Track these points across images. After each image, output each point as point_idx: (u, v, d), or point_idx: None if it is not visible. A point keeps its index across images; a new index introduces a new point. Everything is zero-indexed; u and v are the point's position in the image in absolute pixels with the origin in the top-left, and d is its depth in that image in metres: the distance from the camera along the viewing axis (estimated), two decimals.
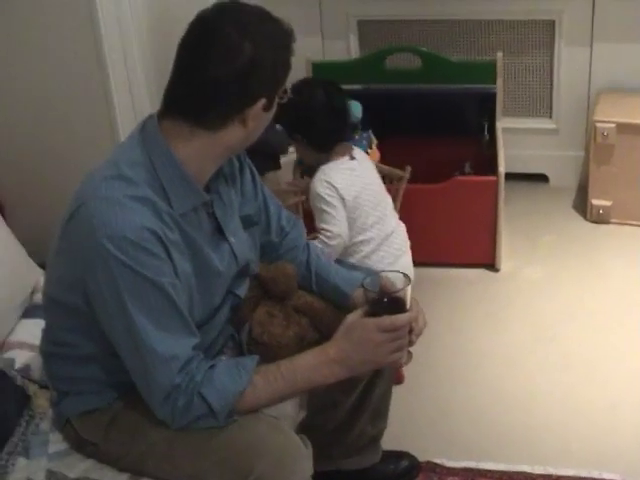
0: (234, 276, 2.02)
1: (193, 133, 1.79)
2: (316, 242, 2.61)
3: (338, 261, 2.32)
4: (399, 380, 2.91)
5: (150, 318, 1.73)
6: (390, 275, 1.93)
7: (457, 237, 3.49)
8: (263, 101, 1.79)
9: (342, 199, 2.70)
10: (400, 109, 3.58)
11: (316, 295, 2.19)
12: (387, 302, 1.86)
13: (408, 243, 2.91)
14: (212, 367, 1.80)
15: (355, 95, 3.59)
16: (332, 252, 2.63)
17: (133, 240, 1.69)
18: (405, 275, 1.91)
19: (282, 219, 2.21)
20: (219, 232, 1.95)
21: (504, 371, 2.99)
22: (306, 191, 2.86)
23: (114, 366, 1.83)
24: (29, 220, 2.87)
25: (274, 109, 1.88)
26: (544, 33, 3.78)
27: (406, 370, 2.94)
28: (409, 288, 1.87)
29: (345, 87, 3.59)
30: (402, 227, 2.92)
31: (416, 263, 3.37)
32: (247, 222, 2.09)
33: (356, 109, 3.23)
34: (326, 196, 2.69)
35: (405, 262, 2.85)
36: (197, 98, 1.77)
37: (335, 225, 2.68)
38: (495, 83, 3.53)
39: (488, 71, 3.52)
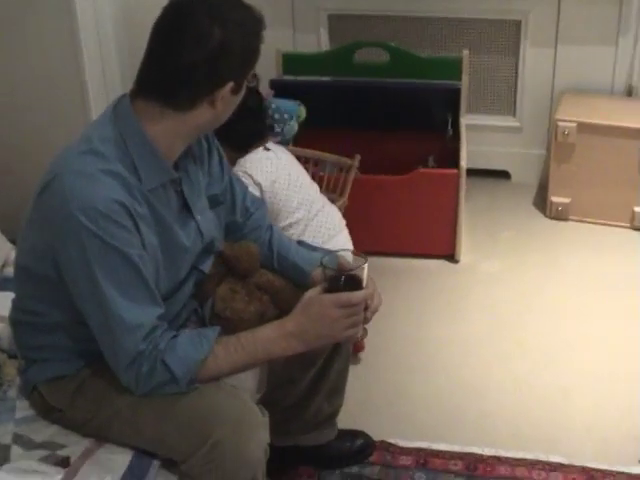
0: (199, 252, 2.09)
1: (163, 113, 1.86)
2: None
3: (299, 242, 2.39)
4: (359, 349, 3.00)
5: (117, 287, 1.80)
6: (348, 255, 2.01)
7: (418, 228, 3.58)
8: (231, 84, 1.86)
9: (258, 185, 2.77)
10: (367, 102, 3.67)
11: (277, 274, 2.27)
12: (344, 280, 1.94)
13: (343, 222, 2.97)
14: (175, 336, 1.87)
15: (323, 86, 3.71)
16: None
17: (103, 212, 1.76)
18: (362, 255, 1.99)
19: (247, 200, 2.29)
20: (186, 209, 2.02)
21: (461, 358, 3.08)
22: None
23: (82, 334, 1.89)
24: (2, 197, 2.92)
25: (242, 92, 1.95)
26: (510, 33, 3.89)
27: (364, 354, 3.03)
28: (366, 267, 1.95)
29: (314, 79, 3.77)
30: (333, 207, 2.98)
31: (378, 253, 3.54)
32: (213, 202, 2.16)
33: (300, 112, 3.30)
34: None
35: (339, 241, 2.90)
36: (168, 80, 1.84)
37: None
38: (460, 80, 3.63)
39: (454, 67, 3.61)
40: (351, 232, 3.00)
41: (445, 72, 3.65)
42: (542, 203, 3.96)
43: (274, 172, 2.80)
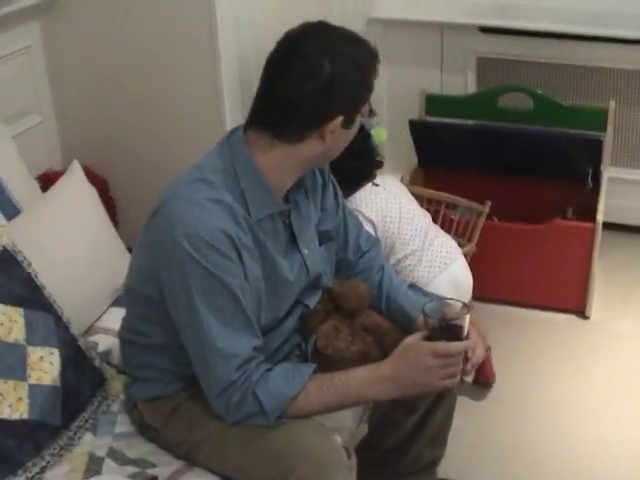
0: (304, 287, 2.11)
1: (273, 145, 1.90)
2: None
3: (411, 286, 2.37)
4: (488, 380, 3.05)
5: (215, 315, 1.84)
6: (452, 302, 1.99)
7: (549, 280, 3.49)
8: (341, 118, 1.88)
9: (370, 221, 2.74)
10: (508, 147, 3.60)
11: (385, 316, 2.25)
12: (444, 328, 1.92)
13: (459, 250, 2.92)
14: (269, 369, 1.89)
15: (462, 129, 3.67)
16: None
17: (208, 240, 1.81)
18: (465, 304, 1.97)
19: (360, 238, 2.30)
20: (293, 242, 2.05)
21: (577, 418, 2.98)
22: None
23: (182, 358, 1.94)
24: (136, 216, 3.02)
25: (355, 127, 1.97)
26: None
27: (477, 405, 2.98)
28: (467, 317, 1.92)
29: (453, 121, 3.74)
30: (447, 236, 2.94)
31: (504, 301, 3.53)
32: (325, 237, 2.18)
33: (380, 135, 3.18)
34: None
35: (456, 270, 2.86)
36: (277, 112, 1.89)
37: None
38: (605, 131, 3.53)
39: (599, 118, 3.53)
40: (479, 278, 2.95)
41: (590, 122, 3.56)
42: None
43: (384, 207, 2.78)
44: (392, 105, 4.02)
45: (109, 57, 3.08)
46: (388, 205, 2.79)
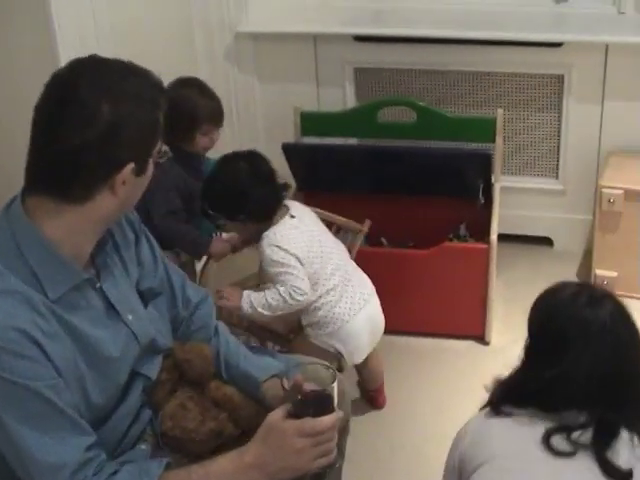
0: (138, 355, 1.84)
1: (59, 209, 1.62)
2: (272, 293, 2.56)
3: (253, 348, 2.14)
4: (380, 404, 3.01)
5: (29, 425, 1.57)
6: (314, 368, 1.76)
7: (446, 306, 3.25)
8: (131, 166, 1.62)
9: (296, 257, 2.59)
10: (392, 166, 3.34)
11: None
12: (311, 401, 1.67)
13: (373, 288, 2.79)
14: (114, 473, 1.64)
15: (343, 150, 3.41)
16: (296, 306, 2.59)
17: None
18: (330, 368, 1.76)
19: (187, 289, 2.06)
20: (112, 309, 1.78)
21: None
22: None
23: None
24: None
25: (150, 171, 1.72)
26: (552, 88, 3.52)
27: (371, 437, 2.83)
28: (335, 385, 1.69)
29: (331, 142, 3.49)
30: (361, 272, 2.81)
31: (401, 331, 3.29)
32: (150, 294, 1.94)
33: None
34: (281, 259, 2.58)
35: (373, 307, 2.77)
36: (56, 171, 1.60)
37: (302, 281, 2.57)
38: (494, 141, 3.31)
39: (487, 129, 3.30)
40: None
41: (478, 133, 3.33)
42: (587, 274, 3.57)
43: (307, 241, 2.63)
44: (268, 125, 3.76)
45: None
46: (310, 239, 2.65)
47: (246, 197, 2.56)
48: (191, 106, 2.88)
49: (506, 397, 1.78)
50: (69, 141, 1.57)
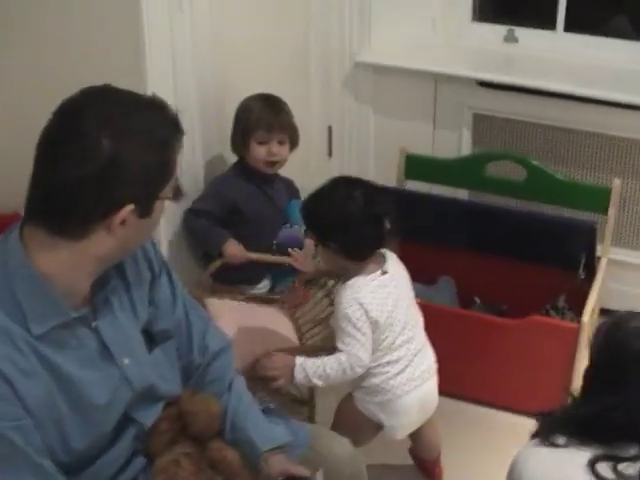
0: (132, 401, 1.74)
1: (54, 243, 1.55)
2: (332, 362, 2.35)
3: (266, 410, 2.01)
4: (435, 476, 2.82)
5: None
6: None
7: (525, 380, 3.00)
8: (131, 207, 1.53)
9: (374, 322, 2.34)
10: (494, 224, 3.14)
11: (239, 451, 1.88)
12: None
13: (435, 364, 2.55)
14: None
15: (444, 203, 3.22)
16: (352, 376, 2.39)
17: None
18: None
19: (207, 336, 1.94)
20: (106, 351, 1.69)
21: None
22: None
23: None
24: None
25: (157, 214, 1.62)
26: None
27: None
28: (322, 472, 1.70)
29: (438, 189, 3.30)
30: (429, 347, 2.55)
31: (471, 400, 3.11)
32: (162, 337, 1.84)
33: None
34: (355, 320, 2.32)
35: (429, 388, 2.52)
36: (52, 203, 1.53)
37: (365, 351, 2.35)
38: (606, 213, 3.05)
39: (601, 198, 3.04)
40: (447, 370, 2.60)
41: (590, 202, 3.08)
42: None
43: (391, 305, 2.37)
44: (378, 160, 3.60)
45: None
46: (394, 303, 2.38)
47: (347, 230, 2.31)
48: (247, 113, 2.77)
49: (559, 427, 1.74)
50: (67, 173, 1.50)
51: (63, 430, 1.61)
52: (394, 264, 2.45)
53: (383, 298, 2.36)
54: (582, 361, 2.88)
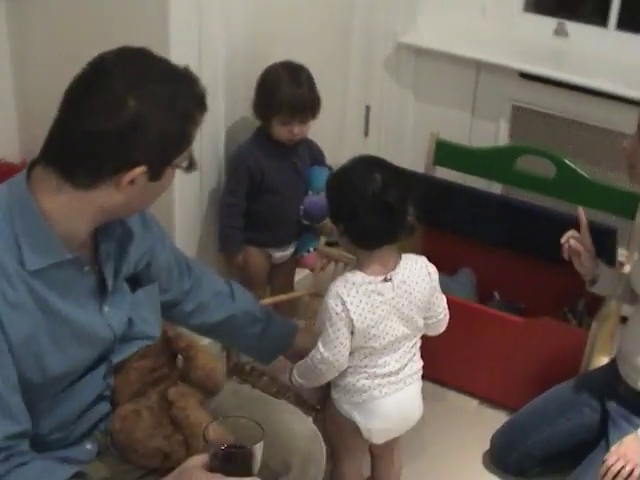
0: (112, 342, 1.82)
1: (60, 187, 1.60)
2: (310, 355, 2.26)
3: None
4: None
5: None
6: (244, 422, 1.61)
7: (531, 383, 2.92)
8: (143, 168, 1.58)
9: (350, 323, 2.18)
10: (517, 220, 3.07)
11: (205, 411, 1.92)
12: (229, 456, 1.55)
13: (421, 372, 2.39)
14: (21, 465, 1.59)
15: (469, 194, 3.15)
16: (319, 375, 2.26)
17: None
18: (259, 425, 1.59)
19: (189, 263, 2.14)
20: (101, 295, 1.76)
21: None
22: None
23: None
24: None
25: (168, 180, 1.68)
26: None
27: None
28: (261, 445, 1.56)
29: (465, 179, 3.24)
30: (419, 353, 2.39)
31: (475, 395, 3.08)
32: (146, 279, 1.93)
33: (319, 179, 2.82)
34: (332, 312, 2.17)
35: (412, 393, 2.36)
36: (68, 149, 1.59)
37: (329, 350, 2.20)
38: (633, 218, 2.96)
39: (629, 202, 2.95)
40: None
41: (616, 204, 3.00)
42: None
43: (378, 316, 2.20)
44: (415, 146, 3.54)
45: (78, 46, 2.70)
46: (385, 316, 2.22)
47: (354, 214, 2.14)
48: (272, 88, 2.74)
49: None
50: (87, 125, 1.56)
51: (41, 362, 1.65)
52: (409, 273, 2.25)
53: (373, 306, 2.19)
54: (590, 366, 2.82)
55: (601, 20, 3.34)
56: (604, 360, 2.88)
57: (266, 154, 2.82)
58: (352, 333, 2.20)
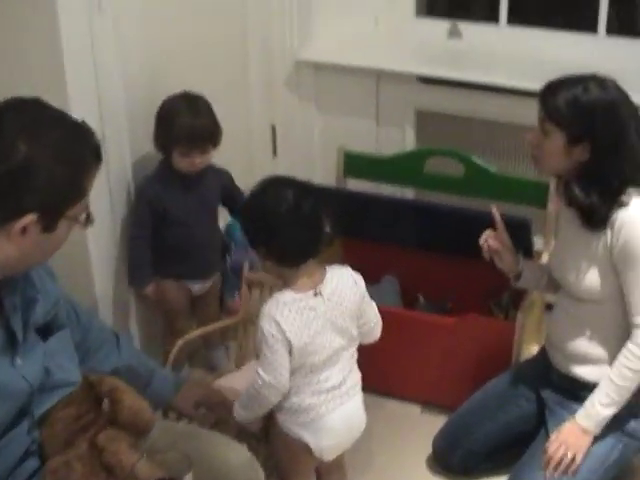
0: (30, 394, 1.76)
1: None
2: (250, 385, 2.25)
3: None
4: None
5: None
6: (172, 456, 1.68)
7: (465, 380, 2.94)
8: (33, 217, 1.54)
9: (288, 343, 2.18)
10: (432, 222, 3.09)
11: (137, 453, 1.85)
12: None
13: (360, 382, 2.39)
14: None
15: (383, 202, 3.17)
16: (264, 401, 2.24)
17: None
18: (186, 458, 1.66)
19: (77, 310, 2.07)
20: (11, 348, 1.71)
21: None
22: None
23: None
24: None
25: (62, 233, 1.63)
26: None
27: None
28: (190, 476, 1.65)
29: (377, 187, 3.26)
30: (356, 364, 2.39)
31: (414, 400, 3.09)
32: (56, 326, 1.88)
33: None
34: (268, 335, 2.17)
35: (355, 405, 2.36)
36: None
37: (270, 373, 2.19)
38: (545, 207, 3.00)
39: (538, 193, 3.00)
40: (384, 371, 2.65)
41: (527, 195, 3.04)
42: None
43: (314, 329, 2.20)
44: (324, 160, 3.54)
45: None
46: (321, 331, 2.22)
47: (274, 231, 2.16)
48: (170, 120, 2.69)
49: None
50: None
51: None
52: (336, 284, 2.27)
53: (306, 322, 2.19)
54: (517, 358, 2.85)
55: (492, 16, 3.39)
56: (534, 349, 2.91)
57: (168, 186, 2.77)
58: (290, 353, 2.19)
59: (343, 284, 2.28)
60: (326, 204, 2.24)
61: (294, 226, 2.17)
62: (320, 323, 2.22)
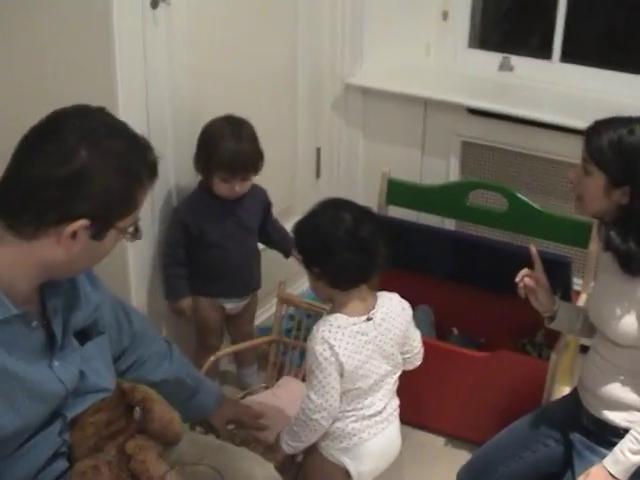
0: (65, 397, 1.78)
1: (3, 237, 1.58)
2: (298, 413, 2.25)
3: None
4: None
5: None
6: (201, 470, 1.69)
7: (494, 416, 2.91)
8: (85, 223, 1.57)
9: (340, 366, 2.18)
10: (472, 255, 3.08)
11: (164, 463, 1.88)
12: None
13: (398, 409, 2.41)
14: None
15: (423, 231, 3.16)
16: (315, 426, 2.22)
17: None
18: (216, 471, 1.66)
19: (131, 316, 2.10)
20: (49, 350, 1.73)
21: None
22: None
23: None
24: None
25: (110, 241, 1.65)
26: None
27: None
28: None
29: (417, 215, 3.25)
30: (397, 400, 2.41)
31: (444, 434, 3.07)
32: (94, 331, 1.89)
33: None
34: (321, 358, 2.16)
35: (394, 430, 2.38)
36: (13, 195, 1.58)
37: (322, 396, 2.18)
38: (587, 247, 2.97)
39: (582, 232, 2.96)
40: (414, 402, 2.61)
41: (569, 234, 3.01)
42: None
43: (365, 354, 2.21)
44: (367, 185, 3.54)
45: (23, 106, 2.59)
46: (372, 356, 2.22)
47: (330, 254, 2.16)
48: (212, 144, 2.67)
49: None
50: (35, 170, 1.56)
51: None
52: (387, 310, 2.28)
53: (359, 347, 2.19)
54: (551, 397, 2.82)
55: (545, 53, 3.39)
56: (566, 390, 2.87)
57: (206, 209, 2.76)
58: (341, 376, 2.19)
59: (392, 310, 2.29)
60: (383, 228, 2.25)
61: (351, 250, 2.17)
62: (370, 348, 2.22)
